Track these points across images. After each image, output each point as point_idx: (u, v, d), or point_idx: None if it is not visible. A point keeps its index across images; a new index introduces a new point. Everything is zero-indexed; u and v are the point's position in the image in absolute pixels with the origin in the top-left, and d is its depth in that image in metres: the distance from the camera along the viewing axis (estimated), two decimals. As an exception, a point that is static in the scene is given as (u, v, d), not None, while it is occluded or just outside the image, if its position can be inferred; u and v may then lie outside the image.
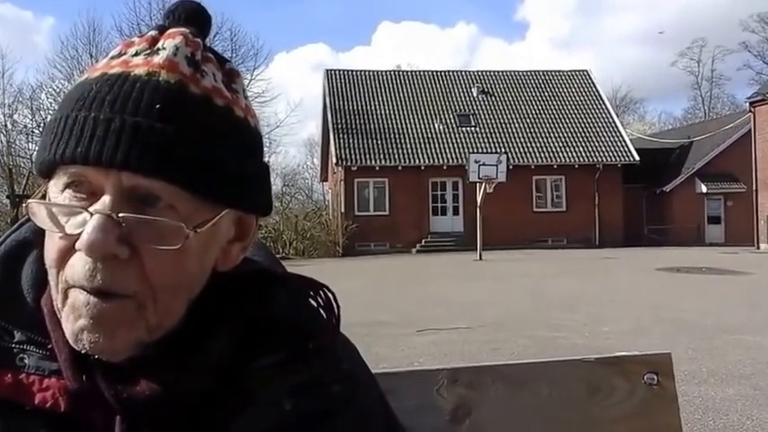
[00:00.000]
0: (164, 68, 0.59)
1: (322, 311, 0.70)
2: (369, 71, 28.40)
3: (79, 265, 0.57)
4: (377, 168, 24.51)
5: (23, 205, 0.62)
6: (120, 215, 0.56)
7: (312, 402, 0.65)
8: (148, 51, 0.61)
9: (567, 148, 25.49)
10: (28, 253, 0.66)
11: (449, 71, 28.97)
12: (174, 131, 0.57)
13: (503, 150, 23.08)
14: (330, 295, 0.71)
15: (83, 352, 0.58)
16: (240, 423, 0.62)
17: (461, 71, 29.46)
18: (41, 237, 0.62)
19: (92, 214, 0.56)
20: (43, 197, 0.61)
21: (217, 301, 0.64)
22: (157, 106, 0.57)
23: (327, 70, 28.20)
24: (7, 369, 0.60)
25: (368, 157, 24.69)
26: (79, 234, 0.56)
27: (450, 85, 27.50)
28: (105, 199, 0.56)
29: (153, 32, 0.63)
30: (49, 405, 0.59)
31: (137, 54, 0.61)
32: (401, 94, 26.96)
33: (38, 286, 0.64)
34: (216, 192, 0.59)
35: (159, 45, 0.61)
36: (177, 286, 0.59)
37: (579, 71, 28.88)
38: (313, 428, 0.64)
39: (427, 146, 25.11)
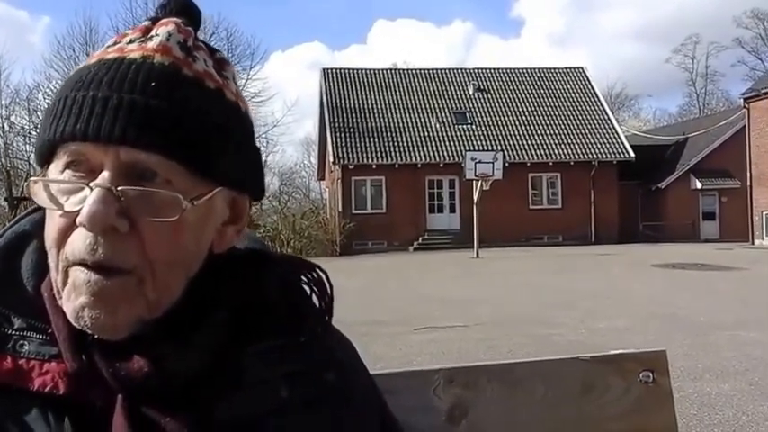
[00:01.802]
0: (157, 52, 0.61)
1: (315, 288, 0.72)
2: (365, 69, 28.37)
3: (80, 240, 0.58)
4: (374, 167, 24.49)
5: (24, 201, 0.62)
6: (119, 188, 0.57)
7: (308, 390, 0.66)
8: (142, 39, 0.63)
9: (563, 146, 25.52)
10: (27, 244, 0.67)
11: (445, 69, 28.96)
12: (170, 108, 0.59)
13: (499, 148, 23.10)
14: (322, 274, 0.72)
15: (84, 329, 0.59)
16: (236, 406, 0.63)
17: (457, 69, 29.44)
18: (41, 229, 0.64)
19: (92, 189, 0.57)
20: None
21: (213, 283, 0.65)
22: (153, 84, 0.59)
23: (324, 69, 28.16)
24: (7, 354, 0.61)
25: (365, 155, 24.68)
26: (79, 211, 0.57)
27: (447, 83, 27.50)
28: (105, 174, 0.58)
29: (146, 23, 0.65)
30: (49, 388, 0.60)
31: (131, 42, 0.63)
32: (398, 93, 26.94)
33: (38, 275, 0.65)
34: (210, 168, 0.61)
35: (152, 33, 0.63)
36: (175, 261, 0.60)
37: (574, 68, 28.91)
38: (309, 415, 0.65)
39: (424, 144, 25.11)
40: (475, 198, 19.62)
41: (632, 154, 25.43)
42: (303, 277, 0.72)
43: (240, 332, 0.65)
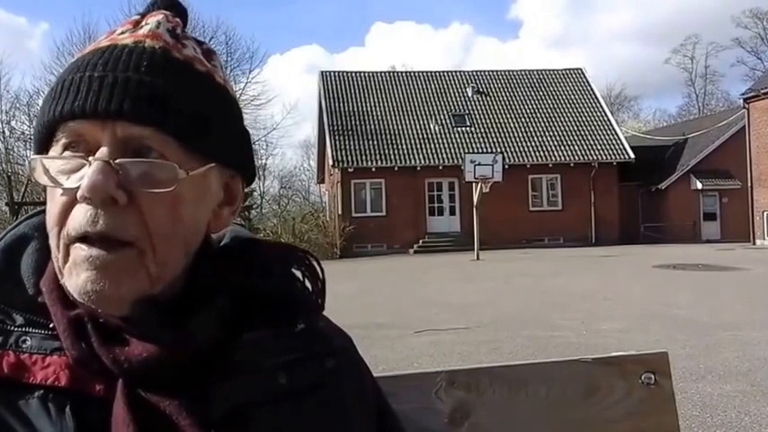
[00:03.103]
0: (148, 37, 0.65)
1: (307, 275, 0.73)
2: (364, 72, 28.39)
3: (81, 214, 0.59)
4: (373, 169, 24.50)
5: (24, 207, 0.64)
6: (117, 161, 0.59)
7: (309, 376, 0.68)
8: (133, 29, 0.66)
9: (563, 147, 25.53)
10: (26, 246, 0.69)
11: (443, 71, 28.98)
12: (163, 84, 0.61)
13: (498, 150, 23.11)
14: (314, 261, 0.74)
15: (89, 304, 0.60)
16: (234, 392, 0.63)
17: (456, 71, 29.46)
18: (39, 231, 0.67)
19: (90, 163, 0.59)
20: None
21: (210, 270, 0.67)
22: (145, 63, 0.62)
23: (322, 72, 28.19)
24: (9, 350, 0.62)
25: (364, 158, 24.69)
26: (80, 186, 0.59)
27: (445, 86, 27.52)
28: (103, 149, 0.60)
29: (136, 17, 0.68)
30: (50, 381, 0.61)
31: (123, 33, 0.66)
32: (396, 95, 26.96)
33: (38, 274, 0.66)
34: (202, 143, 0.63)
35: (143, 23, 0.67)
36: (173, 235, 0.62)
37: (573, 70, 28.92)
38: (309, 401, 0.67)
39: (423, 146, 25.12)
40: (475, 200, 19.62)
41: (632, 155, 25.43)
42: (295, 264, 0.73)
43: (238, 319, 0.67)
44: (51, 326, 0.63)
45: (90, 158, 0.60)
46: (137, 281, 0.61)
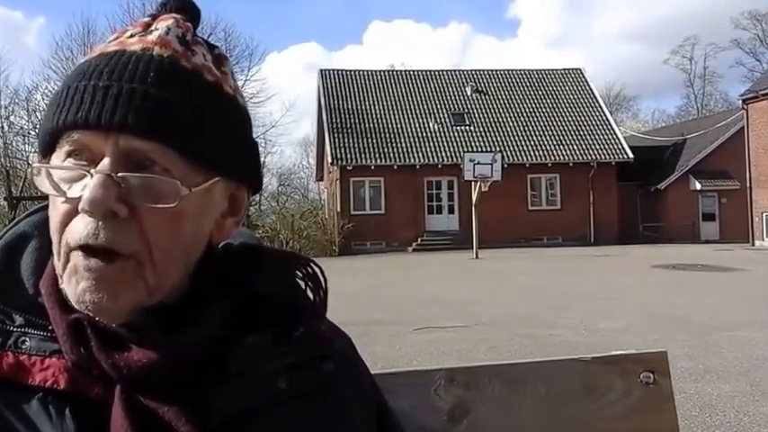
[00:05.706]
0: (156, 45, 0.63)
1: (309, 283, 0.73)
2: (363, 71, 28.39)
3: (81, 225, 0.59)
4: (372, 168, 24.51)
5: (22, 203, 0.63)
6: (119, 175, 0.59)
7: (308, 381, 0.67)
8: (142, 33, 0.65)
9: (562, 147, 25.54)
10: (26, 244, 0.68)
11: (443, 70, 28.99)
12: (168, 97, 0.60)
13: (497, 149, 23.12)
14: (317, 269, 0.73)
15: (86, 312, 0.60)
16: (233, 396, 0.63)
17: (455, 70, 29.48)
18: (39, 230, 0.67)
19: (92, 175, 0.59)
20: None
21: (211, 276, 0.66)
22: (152, 74, 0.61)
23: (321, 70, 28.19)
24: (9, 351, 0.62)
25: (363, 156, 24.69)
26: (81, 197, 0.58)
27: (445, 85, 27.52)
28: (105, 161, 0.59)
29: (146, 19, 0.67)
30: (50, 383, 0.61)
31: (132, 36, 0.65)
32: (395, 94, 26.96)
33: (37, 274, 0.66)
34: (207, 156, 0.62)
35: (152, 27, 0.65)
36: (174, 248, 0.61)
37: (572, 69, 28.93)
38: (308, 405, 0.66)
39: (422, 145, 25.13)
40: (474, 199, 19.64)
41: (631, 155, 25.46)
42: (297, 272, 0.73)
43: (237, 324, 0.66)
44: (50, 327, 0.63)
45: (92, 170, 0.59)
46: (135, 292, 0.60)
